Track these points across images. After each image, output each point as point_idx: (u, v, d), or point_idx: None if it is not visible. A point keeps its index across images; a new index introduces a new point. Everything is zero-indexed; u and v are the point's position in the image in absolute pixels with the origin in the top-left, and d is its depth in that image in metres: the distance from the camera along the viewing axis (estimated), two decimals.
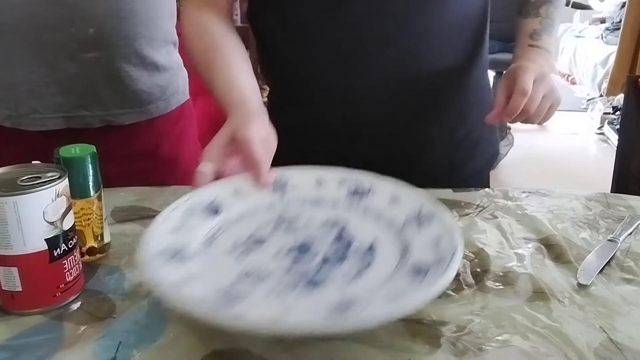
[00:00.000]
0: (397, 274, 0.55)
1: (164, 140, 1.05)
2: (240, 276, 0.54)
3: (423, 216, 0.62)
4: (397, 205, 0.65)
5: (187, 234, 0.60)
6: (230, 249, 0.59)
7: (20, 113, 0.93)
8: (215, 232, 0.62)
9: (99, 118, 0.96)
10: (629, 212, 0.79)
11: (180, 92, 1.07)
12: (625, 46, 4.19)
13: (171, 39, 1.04)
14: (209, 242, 0.61)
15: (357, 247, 0.60)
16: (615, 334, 0.53)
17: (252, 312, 0.48)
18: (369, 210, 0.66)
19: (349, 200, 0.68)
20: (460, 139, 0.92)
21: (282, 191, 0.68)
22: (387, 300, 0.50)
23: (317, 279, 0.54)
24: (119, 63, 0.94)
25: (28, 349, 0.51)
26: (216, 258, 0.58)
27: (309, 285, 0.53)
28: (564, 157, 3.68)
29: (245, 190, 0.65)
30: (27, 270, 0.55)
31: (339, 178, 0.70)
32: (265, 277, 0.54)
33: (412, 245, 0.59)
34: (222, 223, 0.63)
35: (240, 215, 0.65)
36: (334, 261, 0.57)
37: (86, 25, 0.90)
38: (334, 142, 0.88)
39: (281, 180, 0.68)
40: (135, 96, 0.97)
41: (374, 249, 0.60)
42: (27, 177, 0.56)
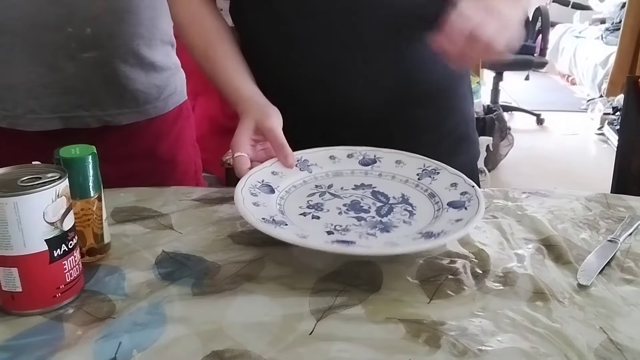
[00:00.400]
0: (442, 212, 0.69)
1: (162, 141, 1.05)
2: (325, 230, 0.65)
3: (429, 171, 0.77)
4: (404, 166, 0.79)
5: (265, 205, 0.69)
6: (302, 213, 0.70)
7: (17, 113, 0.93)
8: (280, 204, 0.71)
9: (97, 118, 0.96)
10: (629, 213, 0.79)
11: (178, 93, 1.07)
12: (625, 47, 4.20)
13: (169, 40, 1.04)
14: (281, 211, 0.69)
15: (394, 200, 0.73)
16: (616, 334, 0.54)
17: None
18: (383, 173, 0.79)
19: (362, 169, 0.79)
20: (444, 133, 0.92)
21: (308, 169, 0.78)
22: (455, 226, 0.64)
23: (386, 225, 0.67)
24: (117, 63, 0.94)
25: (28, 350, 0.51)
26: (297, 221, 0.67)
27: (384, 231, 0.66)
28: (564, 157, 3.68)
29: (279, 171, 0.76)
30: (27, 271, 0.55)
31: (347, 152, 0.81)
32: (347, 230, 0.66)
33: (436, 191, 0.73)
34: (280, 196, 0.72)
35: (287, 190, 0.74)
36: (387, 212, 0.70)
37: (84, 25, 0.90)
38: (317, 130, 0.88)
39: (302, 160, 0.79)
40: (133, 96, 0.97)
41: (407, 198, 0.73)
42: (27, 178, 0.56)
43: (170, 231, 0.73)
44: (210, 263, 0.66)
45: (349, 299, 0.59)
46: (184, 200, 0.82)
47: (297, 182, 0.75)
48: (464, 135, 0.95)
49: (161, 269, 0.64)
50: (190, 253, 0.68)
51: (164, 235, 0.72)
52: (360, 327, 0.54)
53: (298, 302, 0.58)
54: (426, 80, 0.86)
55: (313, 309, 0.57)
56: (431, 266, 0.65)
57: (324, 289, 0.60)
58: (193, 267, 0.65)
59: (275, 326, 0.54)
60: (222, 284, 0.61)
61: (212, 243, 0.70)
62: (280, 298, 0.59)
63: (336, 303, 0.58)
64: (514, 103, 4.77)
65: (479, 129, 3.11)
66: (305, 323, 0.55)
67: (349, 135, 0.86)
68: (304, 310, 0.57)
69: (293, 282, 0.61)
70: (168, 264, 0.66)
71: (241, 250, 0.68)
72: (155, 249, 0.69)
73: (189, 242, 0.70)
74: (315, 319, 0.55)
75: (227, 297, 0.59)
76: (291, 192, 0.73)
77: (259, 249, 0.68)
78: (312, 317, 0.56)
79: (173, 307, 0.57)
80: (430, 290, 0.60)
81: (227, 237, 0.72)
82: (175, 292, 0.60)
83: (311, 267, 0.64)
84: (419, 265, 0.65)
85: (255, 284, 0.61)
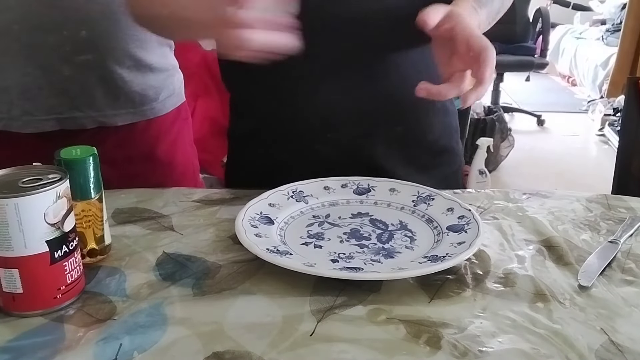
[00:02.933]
0: (442, 236, 0.69)
1: (160, 143, 1.05)
2: (329, 259, 0.65)
3: (424, 197, 0.78)
4: (398, 194, 0.79)
5: (267, 236, 0.69)
6: (304, 243, 0.69)
7: (12, 115, 0.92)
8: (281, 235, 0.71)
9: (92, 119, 0.95)
10: (630, 214, 0.79)
11: (176, 95, 1.07)
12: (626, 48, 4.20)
13: (165, 41, 1.04)
14: (283, 242, 0.69)
15: (393, 227, 0.73)
16: (616, 335, 0.53)
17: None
18: (379, 202, 0.79)
19: (357, 198, 0.80)
20: (424, 146, 0.91)
21: (304, 200, 0.79)
22: (459, 249, 0.65)
23: (389, 251, 0.67)
24: (112, 65, 0.94)
25: (29, 351, 0.51)
26: (300, 250, 0.67)
27: (388, 257, 0.66)
28: (564, 158, 3.68)
29: (276, 203, 0.76)
30: (28, 272, 0.55)
31: (340, 183, 0.82)
32: (351, 257, 0.66)
33: (433, 216, 0.74)
34: (280, 227, 0.73)
35: (286, 221, 0.74)
36: (387, 239, 0.70)
37: (79, 27, 0.90)
38: (295, 143, 0.87)
39: (297, 192, 0.80)
40: (129, 97, 0.97)
41: (406, 224, 0.74)
42: (28, 179, 0.56)
43: (171, 232, 0.74)
44: (210, 264, 0.66)
45: (349, 299, 0.59)
46: (185, 202, 0.82)
47: (294, 213, 0.76)
48: (445, 148, 0.94)
49: (162, 270, 0.64)
50: (190, 254, 0.68)
51: (164, 236, 0.72)
52: (361, 328, 0.54)
53: (298, 303, 0.58)
54: (403, 98, 0.84)
55: (314, 310, 0.57)
56: None
57: (325, 289, 0.60)
58: (194, 268, 0.65)
59: (276, 327, 0.54)
60: (223, 285, 0.62)
61: (213, 244, 0.70)
62: (280, 299, 0.59)
63: (337, 303, 0.58)
64: (515, 104, 4.77)
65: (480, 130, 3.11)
66: (306, 324, 0.55)
67: (328, 152, 0.85)
68: (305, 310, 0.57)
69: (293, 282, 0.61)
70: (169, 265, 0.66)
71: (242, 251, 0.68)
72: (156, 250, 0.69)
73: (189, 243, 0.71)
74: (315, 320, 0.55)
75: (227, 298, 0.59)
76: (290, 223, 0.74)
77: None
78: (312, 318, 0.56)
79: (174, 308, 0.57)
80: (431, 291, 0.60)
81: (228, 238, 0.72)
82: (176, 293, 0.60)
83: None
84: None
85: (255, 285, 0.61)
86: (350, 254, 0.66)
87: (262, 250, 0.63)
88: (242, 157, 0.98)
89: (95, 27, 0.91)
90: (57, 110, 0.93)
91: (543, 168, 3.45)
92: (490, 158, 3.11)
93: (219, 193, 0.85)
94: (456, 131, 0.97)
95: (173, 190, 0.88)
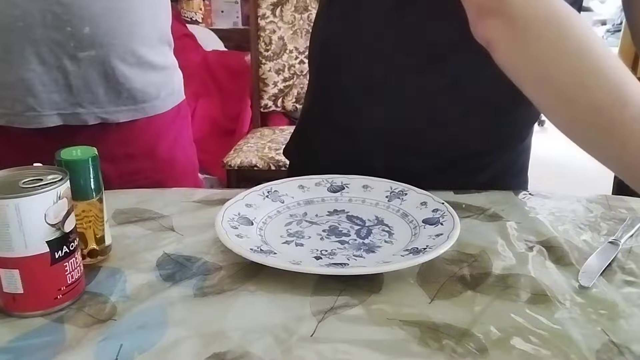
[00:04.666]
0: (419, 229, 0.71)
1: (161, 140, 1.05)
2: (312, 256, 0.66)
3: (397, 192, 0.79)
4: (371, 191, 0.81)
5: (248, 236, 0.69)
6: (285, 242, 0.70)
7: (15, 111, 0.93)
8: (261, 234, 0.71)
9: (95, 115, 0.96)
10: (630, 214, 0.79)
11: (176, 92, 1.08)
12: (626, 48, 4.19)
13: (166, 40, 1.05)
14: (265, 242, 0.69)
15: (370, 222, 0.75)
16: (617, 336, 0.53)
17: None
18: (353, 199, 0.81)
19: (332, 196, 0.81)
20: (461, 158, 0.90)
21: (280, 200, 0.79)
22: (437, 240, 0.66)
23: (369, 246, 0.68)
24: (114, 62, 0.95)
25: (29, 351, 0.51)
26: (282, 249, 0.68)
27: (369, 251, 0.67)
28: (565, 159, 3.67)
29: (253, 203, 0.76)
30: (29, 273, 0.55)
31: (315, 181, 0.83)
32: (334, 253, 0.67)
33: (407, 211, 0.76)
34: (259, 227, 0.73)
35: (264, 221, 0.75)
36: (366, 234, 0.71)
37: (83, 24, 0.90)
38: (352, 155, 0.89)
39: (272, 192, 0.80)
40: (130, 94, 0.98)
41: (382, 219, 0.75)
42: (28, 180, 0.56)
43: (172, 233, 0.74)
44: (211, 264, 0.66)
45: (350, 299, 0.59)
46: (185, 202, 0.82)
47: (271, 212, 0.76)
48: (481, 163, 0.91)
49: (162, 271, 0.64)
50: (191, 255, 0.68)
51: (165, 236, 0.72)
52: (361, 329, 0.54)
53: (299, 303, 0.58)
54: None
55: (314, 310, 0.57)
56: (432, 267, 0.65)
57: (325, 290, 0.60)
58: (194, 269, 0.65)
59: (276, 328, 0.54)
60: (224, 286, 0.62)
61: (213, 244, 0.70)
62: (281, 299, 0.59)
63: (337, 304, 0.58)
64: None
65: None
66: (306, 324, 0.55)
67: (381, 168, 0.84)
68: (305, 311, 0.57)
69: (294, 282, 0.61)
70: (169, 265, 0.66)
71: None
72: (156, 250, 0.69)
73: (190, 243, 0.71)
74: (316, 321, 0.55)
75: (228, 298, 0.59)
76: (268, 223, 0.74)
77: None
78: (313, 319, 0.56)
79: (174, 308, 0.57)
80: (431, 291, 0.60)
81: None
82: (176, 294, 0.60)
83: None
84: (419, 266, 0.65)
85: (256, 286, 0.61)
86: (332, 250, 0.67)
87: (246, 250, 0.64)
88: (305, 137, 0.99)
89: (98, 24, 0.91)
90: (60, 106, 0.93)
91: (543, 168, 3.44)
92: None
93: (220, 194, 0.85)
94: None
95: (173, 190, 0.88)
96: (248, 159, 2.29)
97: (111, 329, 0.54)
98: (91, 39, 0.91)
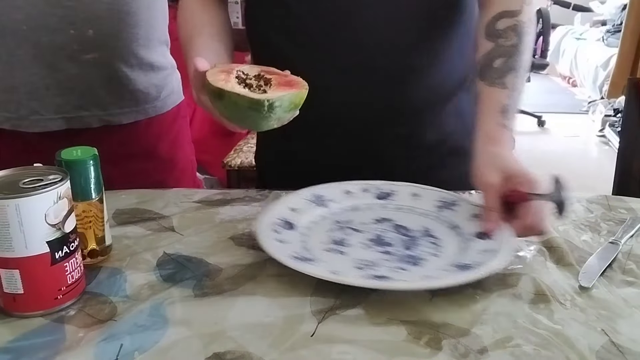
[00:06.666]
0: (468, 243, 0.68)
1: (161, 141, 1.06)
2: (354, 266, 0.63)
3: (448, 203, 0.76)
4: (420, 199, 0.78)
5: (289, 242, 0.67)
6: (327, 249, 0.67)
7: (20, 115, 0.93)
8: (304, 240, 0.69)
9: (98, 118, 0.96)
10: (630, 215, 0.79)
11: (175, 93, 1.08)
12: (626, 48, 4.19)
13: (164, 40, 1.05)
14: (306, 248, 0.67)
15: (417, 233, 0.71)
16: (617, 336, 0.53)
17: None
18: (401, 208, 0.77)
19: (379, 203, 0.78)
20: (430, 145, 0.90)
21: (325, 205, 0.77)
22: (485, 256, 0.63)
23: (414, 259, 0.65)
24: (117, 64, 0.95)
25: (29, 351, 0.51)
26: (323, 257, 0.65)
27: (414, 264, 0.64)
28: (565, 159, 3.67)
29: (297, 207, 0.74)
30: (29, 273, 0.55)
31: (362, 187, 0.80)
32: (376, 265, 0.64)
33: (458, 223, 0.72)
34: (301, 232, 0.71)
35: (308, 226, 0.72)
36: (412, 245, 0.68)
37: (86, 26, 0.90)
38: (308, 134, 0.87)
39: (318, 196, 0.77)
40: (133, 96, 0.99)
41: (430, 231, 0.72)
42: (28, 180, 0.56)
43: (172, 233, 0.74)
44: (211, 265, 0.66)
45: (350, 299, 0.59)
46: (185, 202, 0.82)
47: (316, 218, 0.74)
48: (456, 149, 0.93)
49: (162, 271, 0.64)
50: (191, 255, 0.68)
51: (165, 237, 0.72)
52: (362, 329, 0.54)
53: (299, 304, 0.58)
54: (410, 100, 0.85)
55: (314, 310, 0.57)
56: None
57: (325, 290, 0.60)
58: (194, 269, 0.65)
59: (276, 328, 0.54)
60: (224, 286, 0.62)
61: (214, 245, 0.70)
62: (281, 299, 0.59)
63: (337, 304, 0.58)
64: None
65: None
66: (307, 325, 0.55)
67: (337, 146, 0.86)
68: (305, 311, 0.57)
69: (294, 283, 0.61)
70: (169, 265, 0.66)
71: (242, 252, 0.69)
72: (156, 250, 0.69)
73: (190, 244, 0.71)
74: (316, 321, 0.55)
75: (228, 298, 0.59)
76: (312, 229, 0.72)
77: (260, 250, 0.68)
78: (313, 319, 0.56)
79: (174, 308, 0.57)
80: (432, 291, 0.60)
81: (229, 239, 0.72)
82: (176, 294, 0.60)
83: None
84: None
85: (256, 286, 0.61)
86: (375, 261, 0.64)
87: (285, 256, 0.62)
88: (265, 138, 1.00)
89: (101, 26, 0.91)
90: (64, 109, 0.94)
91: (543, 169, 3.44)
92: None
93: (220, 194, 0.85)
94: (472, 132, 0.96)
95: (174, 191, 0.88)
96: (248, 159, 2.29)
97: (111, 329, 0.54)
98: (94, 42, 0.92)
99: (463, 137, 0.94)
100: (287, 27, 0.84)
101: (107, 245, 0.67)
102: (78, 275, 0.59)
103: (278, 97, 0.60)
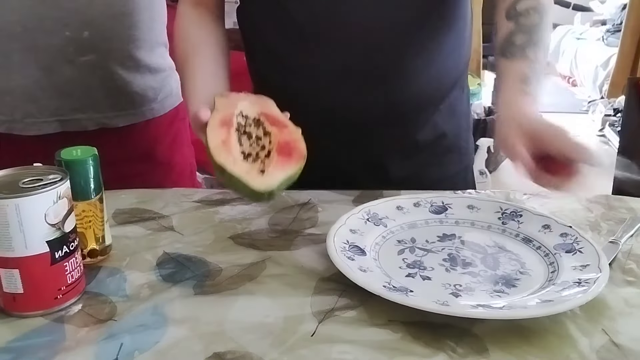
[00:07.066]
0: (553, 257, 0.65)
1: (159, 143, 1.05)
2: (449, 293, 0.60)
3: (510, 214, 0.73)
4: (478, 212, 0.75)
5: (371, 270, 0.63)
6: (408, 275, 0.63)
7: (15, 118, 0.93)
8: (380, 267, 0.65)
9: (94, 121, 0.96)
10: (630, 214, 0.79)
11: (174, 95, 1.07)
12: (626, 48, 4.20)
13: (163, 41, 1.04)
14: (387, 275, 0.63)
15: (492, 249, 0.68)
16: (618, 336, 0.53)
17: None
18: (460, 221, 0.74)
19: (435, 217, 0.75)
20: (424, 144, 0.90)
21: (382, 223, 0.73)
22: (585, 271, 0.60)
23: (506, 279, 0.62)
24: (114, 66, 0.95)
25: (29, 351, 0.51)
26: (408, 284, 0.61)
27: (509, 285, 0.61)
28: None
29: (356, 229, 0.70)
30: (29, 273, 0.55)
31: (412, 201, 0.76)
32: (472, 289, 0.60)
33: (530, 236, 0.69)
34: (373, 257, 0.66)
35: (374, 248, 0.68)
36: (494, 265, 0.65)
37: (82, 28, 0.90)
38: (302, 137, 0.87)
39: (372, 214, 0.73)
40: (129, 98, 0.98)
41: (503, 245, 0.69)
42: (28, 180, 0.56)
43: (172, 233, 0.74)
44: (211, 264, 0.66)
45: (350, 300, 0.59)
46: (185, 202, 0.82)
47: (378, 239, 0.70)
48: (450, 147, 0.93)
49: (162, 271, 0.64)
50: (191, 254, 0.68)
51: (165, 236, 0.72)
52: (362, 329, 0.54)
53: (299, 304, 0.58)
54: (402, 100, 0.85)
55: (315, 311, 0.57)
56: None
57: (325, 290, 0.60)
58: (194, 269, 0.65)
59: (276, 328, 0.54)
60: (224, 286, 0.61)
61: (213, 244, 0.70)
62: (281, 299, 0.59)
63: (338, 304, 0.58)
64: None
65: (480, 130, 3.10)
66: (307, 325, 0.55)
67: (331, 146, 0.85)
68: (306, 311, 0.57)
69: (294, 283, 0.61)
70: (169, 265, 0.66)
71: (242, 251, 0.69)
72: (156, 250, 0.69)
73: (190, 243, 0.71)
74: (317, 321, 0.55)
75: (228, 298, 0.59)
76: (378, 251, 0.68)
77: (260, 250, 0.69)
78: (313, 319, 0.56)
79: (174, 308, 0.57)
80: None
81: (228, 239, 0.72)
82: (176, 294, 0.60)
83: (312, 268, 0.64)
84: None
85: (256, 286, 0.61)
86: (468, 285, 0.61)
87: (380, 288, 0.57)
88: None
89: (97, 28, 0.91)
90: (59, 112, 0.93)
91: None
92: (490, 158, 3.11)
93: (220, 194, 0.85)
94: (466, 130, 0.97)
95: (173, 190, 0.88)
96: None
97: (111, 328, 0.54)
98: (90, 44, 0.91)
99: (457, 136, 0.94)
100: (280, 26, 0.84)
101: (107, 245, 0.67)
102: (78, 275, 0.59)
103: (278, 186, 0.63)
